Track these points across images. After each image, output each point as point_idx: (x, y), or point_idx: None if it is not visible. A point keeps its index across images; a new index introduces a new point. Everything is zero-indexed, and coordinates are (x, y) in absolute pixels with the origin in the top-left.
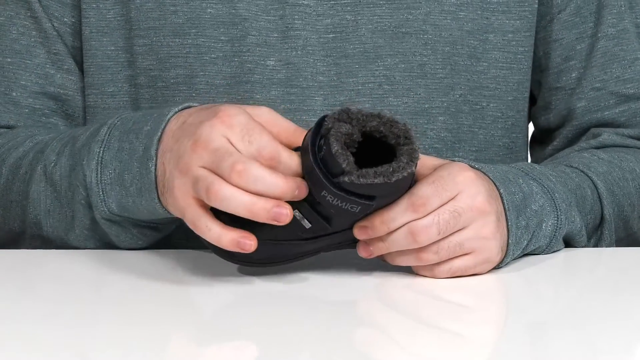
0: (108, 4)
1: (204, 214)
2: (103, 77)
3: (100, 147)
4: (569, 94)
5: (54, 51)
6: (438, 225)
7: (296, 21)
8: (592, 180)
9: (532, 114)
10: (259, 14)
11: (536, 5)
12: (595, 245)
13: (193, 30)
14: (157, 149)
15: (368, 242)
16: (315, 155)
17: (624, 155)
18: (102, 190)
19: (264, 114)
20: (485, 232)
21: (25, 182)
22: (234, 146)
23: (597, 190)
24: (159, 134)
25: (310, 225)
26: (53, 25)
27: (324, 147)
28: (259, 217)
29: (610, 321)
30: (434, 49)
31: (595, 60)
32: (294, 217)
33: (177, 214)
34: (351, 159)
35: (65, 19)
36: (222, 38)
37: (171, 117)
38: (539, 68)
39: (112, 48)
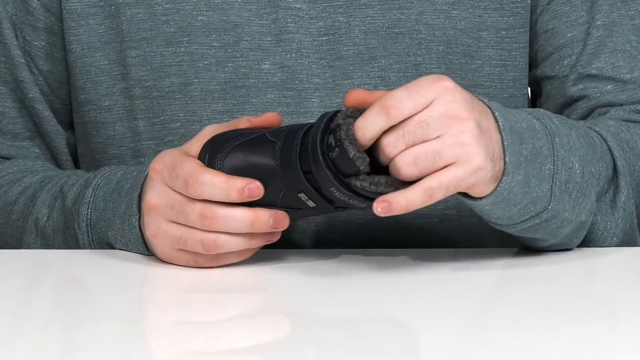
0: (98, 19)
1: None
2: (98, 91)
3: (88, 209)
4: (563, 82)
5: (20, 79)
6: (404, 137)
7: (289, 24)
8: (599, 134)
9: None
10: (251, 18)
11: (529, 1)
12: (613, 200)
13: (185, 39)
14: (139, 205)
15: None
16: (324, 155)
17: (632, 125)
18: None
19: (206, 130)
20: (464, 138)
21: (18, 229)
22: (173, 189)
23: (607, 143)
24: (139, 190)
25: (314, 205)
26: (23, 51)
27: (337, 150)
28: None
29: (611, 321)
30: (428, 49)
31: (592, 48)
32: (299, 197)
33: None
34: (367, 160)
35: (36, 43)
36: (215, 44)
37: (147, 173)
38: (534, 62)
39: (106, 62)
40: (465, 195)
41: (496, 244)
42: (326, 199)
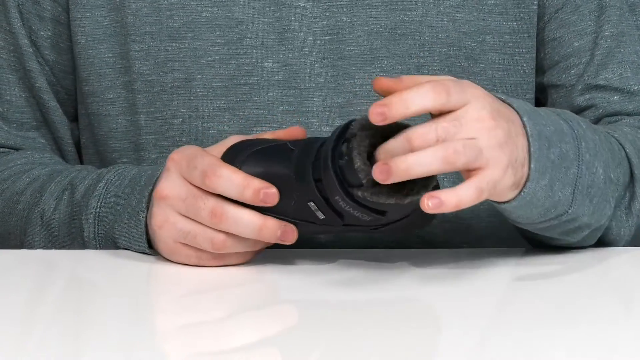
0: (103, 12)
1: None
2: (102, 84)
3: (98, 202)
4: (569, 91)
5: (28, 68)
6: (436, 131)
7: (293, 23)
8: (618, 141)
9: None
10: (256, 16)
11: (535, 7)
12: (628, 207)
13: (189, 34)
14: (148, 202)
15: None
16: (334, 160)
17: None
18: (99, 243)
19: (229, 139)
20: (494, 142)
21: (23, 219)
22: (189, 181)
23: (625, 150)
24: (151, 188)
25: (323, 217)
26: (30, 41)
27: (346, 157)
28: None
29: (613, 322)
30: (430, 51)
31: (600, 59)
32: (309, 207)
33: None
34: (371, 176)
35: (42, 33)
36: (219, 41)
37: (164, 167)
38: (541, 70)
39: (110, 55)
40: None
41: (495, 246)
42: (335, 211)
